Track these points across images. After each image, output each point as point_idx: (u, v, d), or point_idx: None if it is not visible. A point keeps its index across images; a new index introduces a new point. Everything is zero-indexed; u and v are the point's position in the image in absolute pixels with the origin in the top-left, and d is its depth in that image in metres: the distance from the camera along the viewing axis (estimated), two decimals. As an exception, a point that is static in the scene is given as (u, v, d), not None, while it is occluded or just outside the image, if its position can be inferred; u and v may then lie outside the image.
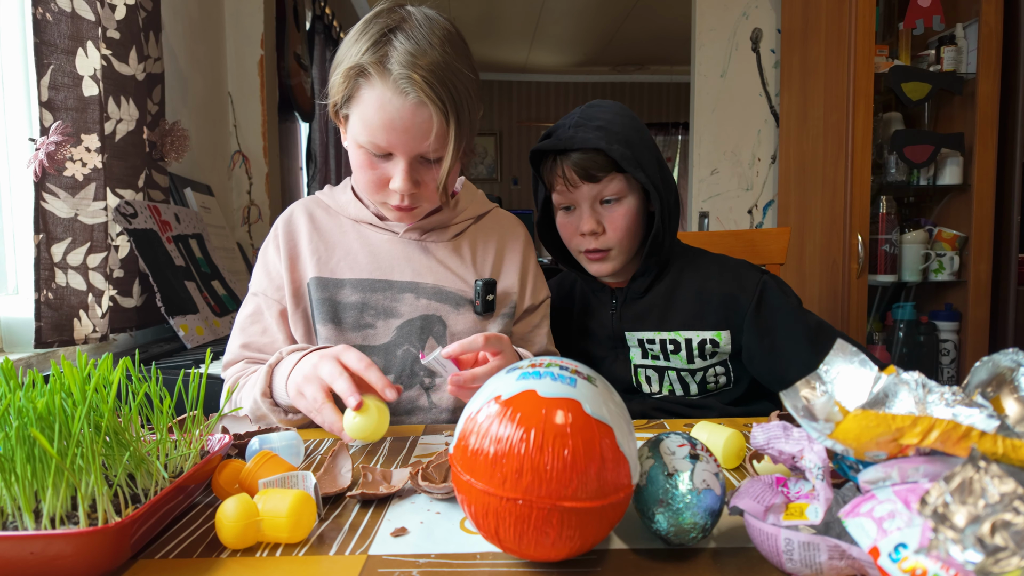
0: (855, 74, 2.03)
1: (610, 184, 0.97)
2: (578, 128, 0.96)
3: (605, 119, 0.97)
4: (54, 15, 1.25)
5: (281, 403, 0.80)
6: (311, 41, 3.12)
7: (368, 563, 0.48)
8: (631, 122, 0.98)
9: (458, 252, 0.97)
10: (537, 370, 0.47)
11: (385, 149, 0.82)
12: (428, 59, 0.78)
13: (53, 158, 1.24)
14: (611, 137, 0.94)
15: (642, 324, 1.03)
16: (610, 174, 0.96)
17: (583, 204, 0.99)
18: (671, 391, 1.03)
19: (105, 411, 0.50)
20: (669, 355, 1.01)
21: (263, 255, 0.97)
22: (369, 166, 0.84)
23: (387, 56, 0.78)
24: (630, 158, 0.93)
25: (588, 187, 0.97)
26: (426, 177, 0.85)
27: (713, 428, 0.68)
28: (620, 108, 1.01)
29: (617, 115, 0.98)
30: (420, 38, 0.79)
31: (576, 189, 0.98)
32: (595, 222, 0.98)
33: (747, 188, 2.62)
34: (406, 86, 0.78)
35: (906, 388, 0.45)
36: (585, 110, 1.00)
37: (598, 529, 0.44)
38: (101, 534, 0.43)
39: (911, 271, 2.19)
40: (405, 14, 0.82)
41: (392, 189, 0.84)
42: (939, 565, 0.34)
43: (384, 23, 0.80)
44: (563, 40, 5.36)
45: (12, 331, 1.30)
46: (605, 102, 1.02)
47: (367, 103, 0.80)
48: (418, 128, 0.80)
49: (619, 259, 1.01)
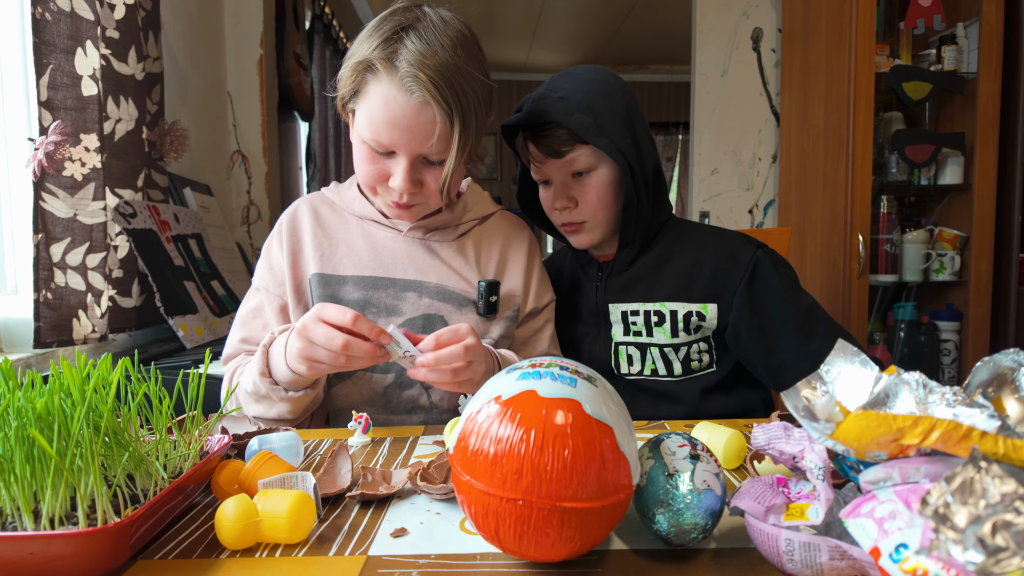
0: (856, 73, 2.03)
1: (579, 157, 0.94)
2: (539, 101, 0.94)
3: (569, 88, 0.94)
4: (53, 14, 1.25)
5: (280, 381, 0.80)
6: (311, 40, 3.12)
7: (368, 564, 0.48)
8: (600, 87, 0.95)
9: (462, 252, 0.96)
10: (537, 370, 0.47)
11: (388, 147, 0.82)
12: (437, 60, 0.78)
13: (52, 158, 1.24)
14: (571, 107, 0.91)
15: (627, 296, 1.00)
16: (574, 146, 0.94)
17: (555, 178, 0.97)
18: (653, 370, 1.00)
19: (104, 411, 0.50)
20: (652, 328, 0.98)
21: (266, 250, 0.97)
22: (371, 160, 0.85)
23: (396, 53, 0.78)
24: (591, 127, 0.91)
25: (554, 162, 0.95)
26: (427, 177, 0.85)
27: (714, 428, 0.68)
28: (591, 74, 0.97)
29: (585, 82, 0.95)
30: (432, 39, 0.79)
31: (544, 164, 0.96)
32: (566, 197, 0.97)
33: (748, 188, 2.62)
34: (412, 84, 0.78)
35: (907, 388, 0.45)
36: (552, 80, 0.97)
37: (598, 530, 0.44)
38: (100, 534, 0.43)
39: (912, 271, 2.19)
40: (420, 14, 0.82)
41: (392, 187, 0.85)
42: (940, 565, 0.34)
43: (398, 21, 0.80)
44: (563, 40, 5.36)
45: (11, 331, 1.30)
46: (577, 68, 0.99)
47: (373, 99, 0.80)
48: (421, 128, 0.80)
49: (596, 231, 1.00)
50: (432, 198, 0.88)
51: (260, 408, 0.83)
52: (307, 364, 0.73)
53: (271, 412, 0.83)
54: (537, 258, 1.03)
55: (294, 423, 0.85)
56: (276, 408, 0.82)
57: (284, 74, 2.63)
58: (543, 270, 1.04)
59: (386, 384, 0.91)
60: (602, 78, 0.97)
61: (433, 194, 0.87)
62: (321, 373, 0.77)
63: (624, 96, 0.96)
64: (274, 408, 0.82)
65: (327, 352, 0.71)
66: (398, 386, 0.91)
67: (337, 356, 0.70)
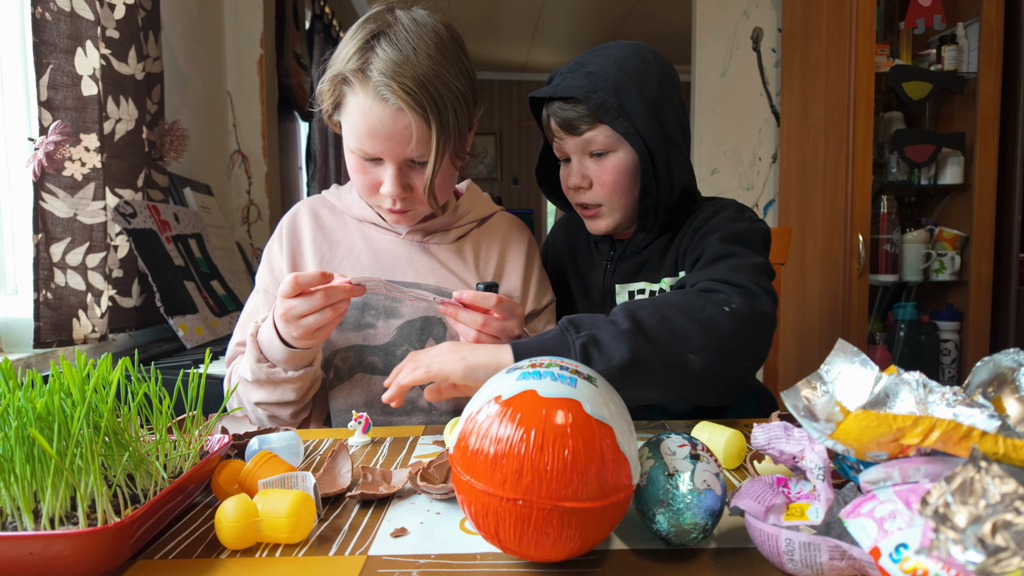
0: (856, 73, 2.03)
1: (597, 136, 0.91)
2: (567, 75, 0.92)
3: (598, 64, 0.90)
4: (53, 14, 1.25)
5: (278, 363, 0.81)
6: (310, 40, 3.12)
7: (368, 564, 0.48)
8: (634, 66, 0.90)
9: (460, 254, 0.96)
10: (537, 370, 0.47)
11: (372, 155, 0.83)
12: (409, 65, 0.78)
13: (52, 158, 1.24)
14: (596, 85, 0.88)
15: (634, 278, 0.99)
16: (594, 125, 0.90)
17: (573, 156, 0.95)
18: None
19: (104, 411, 0.50)
20: None
21: (267, 252, 0.97)
22: (361, 171, 0.86)
23: (368, 63, 0.79)
24: (612, 107, 0.87)
25: (571, 140, 0.92)
26: (417, 181, 0.86)
27: (714, 428, 0.68)
28: (628, 51, 0.92)
29: (618, 59, 0.90)
30: (404, 43, 0.79)
31: (562, 140, 0.94)
32: (580, 176, 0.94)
33: (748, 188, 2.62)
34: (385, 93, 0.78)
35: (907, 388, 0.45)
36: (588, 53, 0.94)
37: (598, 529, 0.44)
38: (100, 534, 0.43)
39: (912, 271, 2.19)
40: (392, 19, 0.82)
41: (383, 193, 0.85)
42: (940, 565, 0.34)
43: (370, 29, 0.81)
44: (563, 39, 5.36)
45: (11, 331, 1.30)
46: (616, 44, 0.94)
47: (352, 110, 0.82)
48: (400, 134, 0.81)
49: (612, 216, 0.96)
50: (423, 200, 0.88)
51: (262, 393, 0.83)
52: (297, 329, 0.75)
53: (273, 395, 0.83)
54: (537, 259, 1.03)
55: (298, 406, 0.86)
56: (279, 391, 0.82)
57: (284, 74, 2.63)
58: (543, 271, 1.04)
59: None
60: (640, 57, 0.92)
61: (421, 197, 0.87)
62: (313, 334, 0.77)
63: (660, 78, 0.91)
64: (276, 391, 0.83)
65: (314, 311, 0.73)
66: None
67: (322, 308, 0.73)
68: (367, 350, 0.91)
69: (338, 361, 0.91)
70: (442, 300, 0.76)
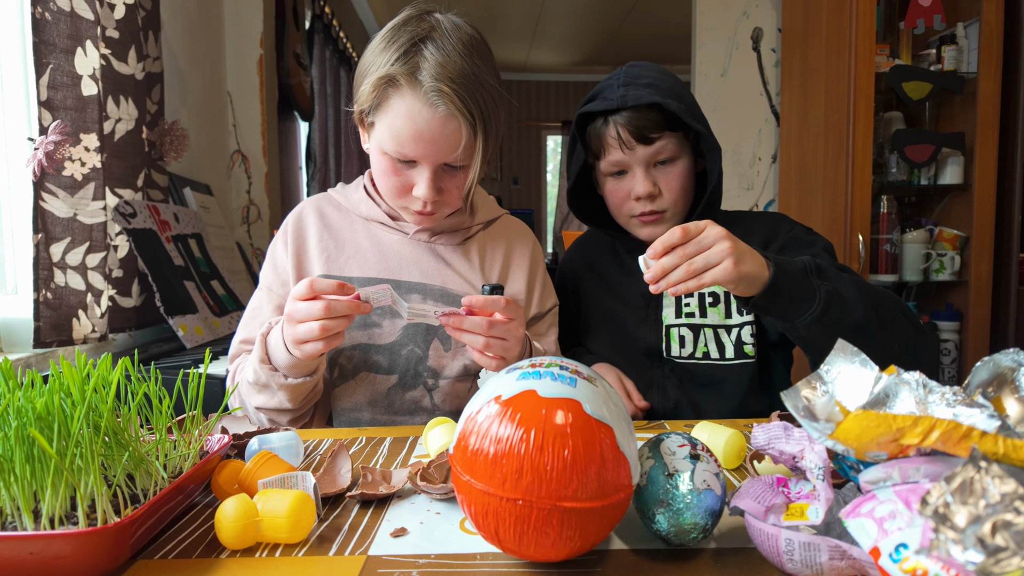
0: (856, 73, 2.03)
1: (665, 145, 0.96)
2: (628, 87, 0.95)
3: (652, 76, 0.97)
4: (53, 14, 1.25)
5: (280, 367, 0.80)
6: (310, 40, 3.12)
7: (368, 563, 0.48)
8: (676, 80, 0.99)
9: (467, 256, 0.97)
10: (537, 370, 0.47)
11: (411, 157, 0.83)
12: (457, 70, 0.78)
13: (52, 157, 1.24)
14: (663, 93, 0.94)
15: None
16: (663, 134, 0.96)
17: (637, 167, 0.98)
18: (705, 352, 1.00)
19: (104, 411, 0.50)
20: (707, 308, 1.00)
21: (272, 251, 0.97)
22: (393, 172, 0.85)
23: (418, 67, 0.79)
24: (686, 112, 0.94)
25: (642, 149, 0.96)
26: (449, 184, 0.86)
27: (713, 428, 0.68)
28: (661, 67, 1.00)
29: (662, 73, 0.98)
30: (449, 48, 0.79)
31: (631, 151, 0.96)
32: (651, 184, 0.97)
33: (748, 188, 2.62)
34: (436, 98, 0.78)
35: (907, 388, 0.45)
36: (628, 69, 0.99)
37: (598, 529, 0.44)
38: (100, 534, 0.43)
39: (912, 271, 2.19)
40: (434, 22, 0.82)
41: (416, 196, 0.85)
42: (940, 565, 0.34)
43: (414, 32, 0.80)
44: (563, 39, 5.36)
45: (11, 331, 1.30)
46: (643, 63, 1.01)
47: (396, 113, 0.81)
48: (446, 140, 0.81)
49: (673, 221, 1.01)
50: (453, 203, 0.89)
51: (262, 398, 0.83)
52: (291, 334, 0.73)
53: (272, 402, 0.83)
54: (541, 263, 1.03)
55: (296, 414, 0.85)
56: (277, 397, 0.82)
57: (284, 74, 2.63)
58: (547, 275, 1.04)
59: (389, 385, 0.91)
60: (670, 72, 1.00)
61: (455, 199, 0.88)
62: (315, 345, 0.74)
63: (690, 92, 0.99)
64: (275, 397, 0.82)
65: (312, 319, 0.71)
66: (401, 387, 0.91)
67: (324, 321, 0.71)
68: (372, 349, 0.91)
69: (343, 360, 0.91)
70: (443, 312, 0.75)
